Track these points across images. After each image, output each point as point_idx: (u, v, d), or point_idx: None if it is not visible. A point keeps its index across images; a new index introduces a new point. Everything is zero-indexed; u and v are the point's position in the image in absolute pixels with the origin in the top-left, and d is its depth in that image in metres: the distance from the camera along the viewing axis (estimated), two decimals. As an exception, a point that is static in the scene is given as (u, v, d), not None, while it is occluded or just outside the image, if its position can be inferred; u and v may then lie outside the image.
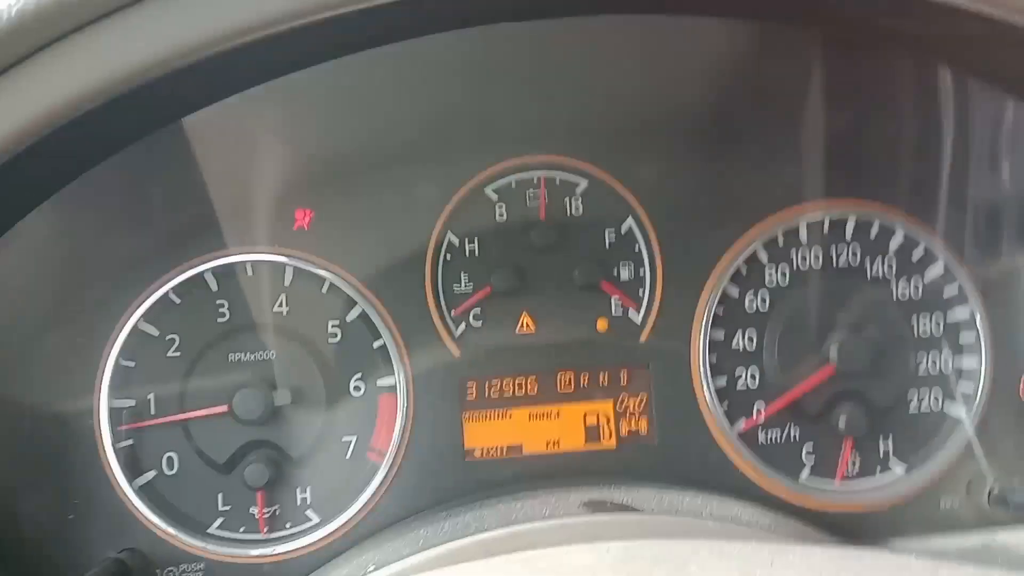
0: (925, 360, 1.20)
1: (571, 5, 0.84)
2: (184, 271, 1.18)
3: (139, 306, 1.17)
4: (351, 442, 1.18)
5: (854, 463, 1.19)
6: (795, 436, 1.20)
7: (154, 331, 1.17)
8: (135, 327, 1.16)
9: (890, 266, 1.21)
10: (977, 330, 1.19)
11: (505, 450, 1.19)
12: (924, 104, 1.07)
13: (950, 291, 1.20)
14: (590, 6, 0.84)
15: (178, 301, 1.18)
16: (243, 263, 1.19)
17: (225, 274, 1.19)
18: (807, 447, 1.19)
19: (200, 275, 1.18)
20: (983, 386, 1.18)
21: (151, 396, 1.16)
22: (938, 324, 1.21)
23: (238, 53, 0.69)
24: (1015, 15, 0.71)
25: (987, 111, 1.07)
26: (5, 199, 0.81)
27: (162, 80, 0.69)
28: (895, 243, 1.21)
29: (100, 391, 1.15)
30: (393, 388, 1.18)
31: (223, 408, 1.15)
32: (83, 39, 0.68)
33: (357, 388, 1.19)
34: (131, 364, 1.16)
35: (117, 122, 0.76)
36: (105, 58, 0.68)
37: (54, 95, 0.69)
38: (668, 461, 1.18)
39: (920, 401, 1.20)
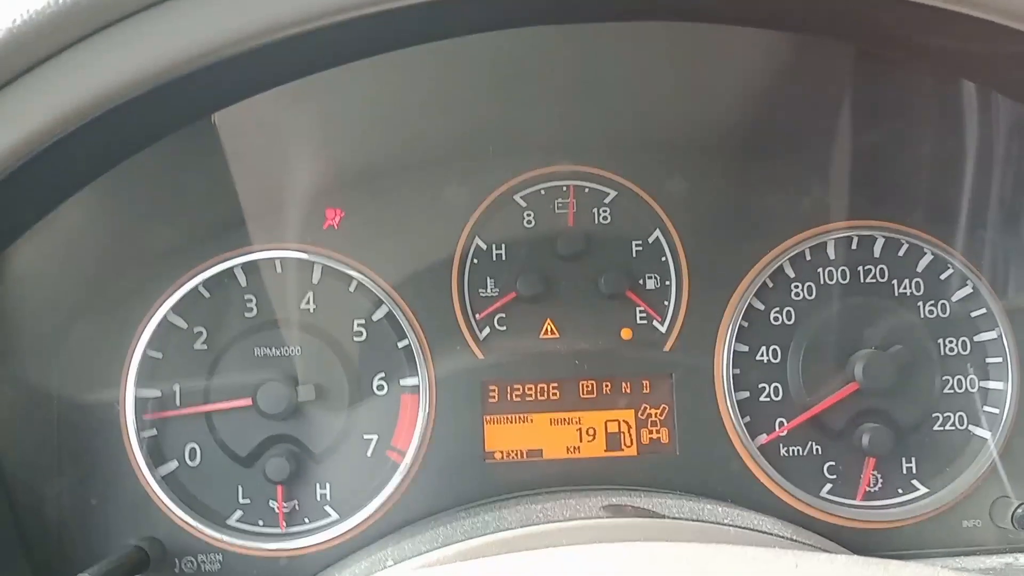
0: (951, 381, 1.20)
1: (604, 9, 0.84)
2: (214, 265, 1.19)
3: (169, 298, 1.18)
4: (372, 440, 1.18)
5: (876, 482, 1.18)
6: (817, 452, 1.19)
7: (182, 323, 1.19)
8: (164, 319, 1.18)
9: (918, 286, 1.21)
10: (1005, 353, 1.19)
11: (525, 454, 1.19)
12: (955, 127, 1.08)
13: (978, 313, 1.20)
14: (622, 10, 0.85)
15: (207, 295, 1.19)
16: (272, 259, 1.21)
17: (254, 270, 1.21)
18: (828, 464, 1.19)
19: (230, 270, 1.20)
20: (1009, 408, 1.18)
21: (177, 387, 1.18)
22: (965, 345, 1.20)
23: (273, 48, 0.71)
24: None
25: (1018, 134, 1.06)
26: (46, 184, 0.83)
27: (199, 73, 0.71)
28: (923, 263, 1.21)
29: (127, 380, 1.17)
30: (416, 388, 1.19)
31: (247, 401, 1.16)
32: (127, 28, 0.70)
33: (380, 387, 1.19)
34: (158, 355, 1.18)
35: (154, 113, 0.78)
36: (146, 49, 0.70)
37: (97, 83, 0.70)
38: (688, 471, 1.18)
39: (945, 421, 1.19)
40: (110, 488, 1.15)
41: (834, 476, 1.18)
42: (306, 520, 1.17)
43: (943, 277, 1.21)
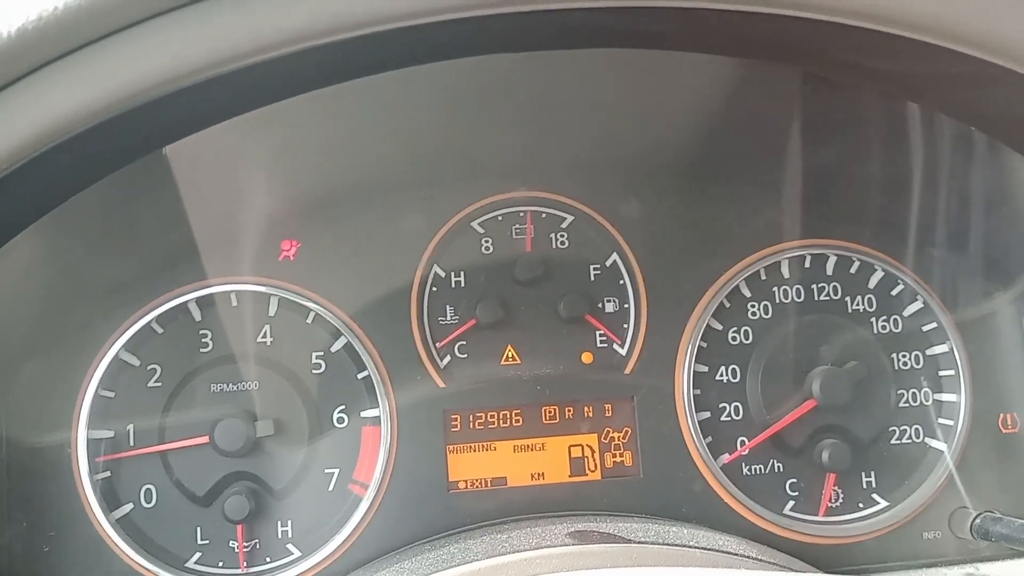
0: (905, 394, 1.22)
1: (555, 39, 0.85)
2: (168, 300, 1.17)
3: (121, 335, 1.16)
4: (334, 474, 1.16)
5: (837, 497, 1.19)
6: (778, 469, 1.20)
7: (135, 361, 1.16)
8: (116, 356, 1.15)
9: (870, 302, 1.23)
10: (956, 365, 1.21)
11: (490, 482, 1.18)
12: (902, 145, 1.10)
13: (929, 327, 1.22)
14: (572, 39, 0.86)
15: (160, 331, 1.17)
16: (227, 293, 1.19)
17: (209, 304, 1.19)
18: (790, 481, 1.20)
19: (184, 304, 1.18)
20: (963, 420, 1.20)
21: (130, 427, 1.15)
22: (918, 359, 1.22)
23: (227, 79, 0.70)
24: (999, 56, 0.73)
25: (964, 153, 1.09)
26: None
27: (151, 104, 0.70)
28: (875, 280, 1.23)
29: (79, 421, 1.13)
30: (377, 420, 1.17)
31: (204, 439, 1.14)
32: (78, 60, 0.68)
33: (340, 419, 1.18)
34: (111, 394, 1.15)
35: (105, 145, 0.76)
36: (97, 81, 0.69)
37: (46, 117, 0.69)
38: (653, 493, 1.18)
39: (902, 435, 1.21)
40: (63, 533, 1.12)
41: (796, 493, 1.19)
42: (268, 559, 1.15)
43: (894, 293, 1.23)
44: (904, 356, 1.22)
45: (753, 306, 1.23)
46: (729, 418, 1.21)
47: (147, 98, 0.70)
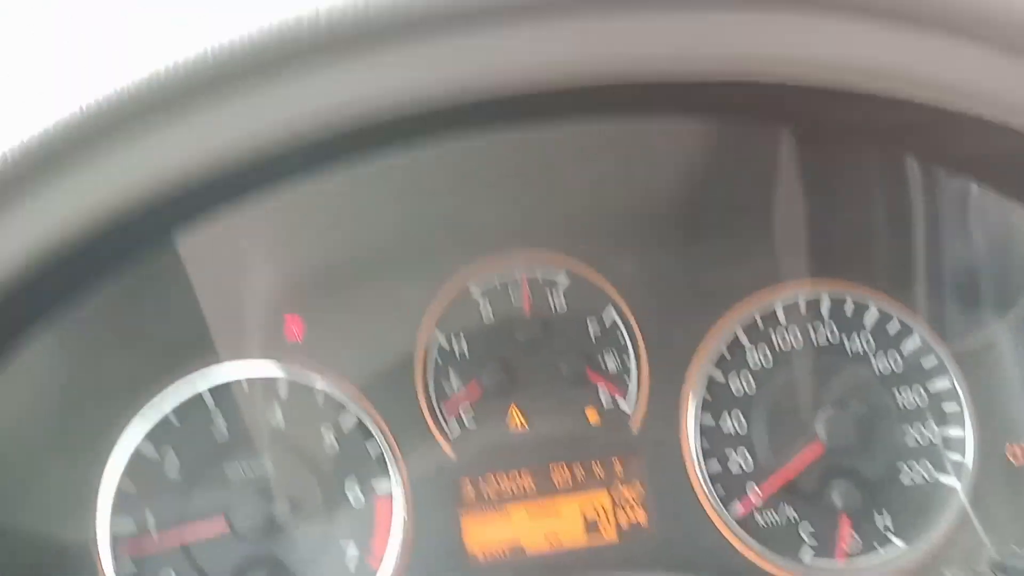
0: (912, 431, 1.22)
1: (539, 115, 0.89)
2: (180, 390, 1.20)
3: (138, 429, 1.19)
4: (351, 550, 1.18)
5: (854, 540, 1.19)
6: (793, 516, 1.20)
7: (153, 453, 1.19)
8: (136, 451, 1.18)
9: (868, 341, 1.24)
10: (960, 399, 1.21)
11: (507, 550, 1.18)
12: (886, 187, 1.13)
13: (929, 362, 1.23)
14: (557, 114, 0.90)
15: (177, 422, 1.20)
16: (239, 380, 1.22)
17: (221, 391, 1.21)
18: (806, 527, 1.19)
19: (199, 395, 1.21)
20: (971, 454, 1.20)
21: (152, 519, 1.17)
22: (921, 395, 1.23)
23: (222, 171, 0.74)
24: (960, 103, 0.76)
25: (950, 189, 1.12)
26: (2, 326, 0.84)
27: (156, 199, 0.74)
28: (870, 319, 1.25)
29: (100, 517, 1.16)
30: (390, 493, 1.19)
31: (223, 525, 1.16)
32: (81, 164, 0.73)
33: (354, 495, 1.20)
34: (131, 488, 1.17)
35: (112, 242, 0.80)
36: (100, 182, 0.73)
37: (52, 223, 0.73)
38: (670, 550, 1.18)
39: (912, 473, 1.21)
40: None
41: (813, 540, 1.19)
42: (290, 641, 1.16)
43: (891, 331, 1.24)
44: (907, 393, 1.22)
45: (752, 353, 1.24)
46: (739, 468, 1.21)
47: (154, 195, 0.74)
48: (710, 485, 1.19)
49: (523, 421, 1.23)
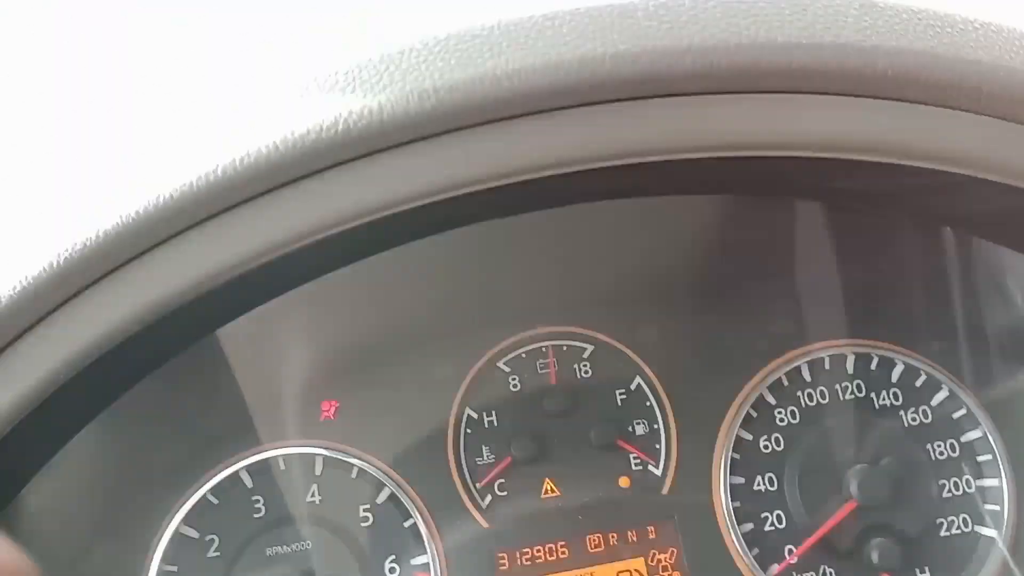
0: (947, 484, 1.21)
1: (554, 200, 0.93)
2: (220, 472, 1.24)
3: (179, 510, 1.22)
4: (390, 625, 1.19)
5: (896, 599, 1.18)
6: (830, 575, 1.19)
7: (194, 533, 1.21)
8: (176, 531, 1.21)
9: (896, 396, 1.25)
10: (992, 449, 1.21)
11: (544, 620, 1.19)
12: (901, 246, 1.15)
13: (959, 414, 1.23)
14: (571, 197, 0.94)
15: (216, 501, 1.23)
16: (275, 458, 1.25)
17: (259, 471, 1.24)
18: (844, 586, 1.19)
19: (235, 474, 1.24)
20: (1008, 503, 1.19)
21: None
22: (953, 447, 1.22)
23: (271, 266, 0.79)
24: (949, 165, 0.79)
25: (959, 246, 1.14)
26: (53, 426, 0.89)
27: (198, 300, 0.78)
28: (896, 373, 1.25)
29: None
30: (427, 567, 1.20)
31: (264, 604, 1.18)
32: (128, 272, 0.78)
33: (392, 570, 1.21)
34: (173, 569, 1.20)
35: (154, 342, 0.85)
36: (150, 287, 0.77)
37: (103, 324, 0.78)
38: None
39: (950, 526, 1.20)
40: None
41: (853, 599, 1.18)
42: None
43: (918, 384, 1.25)
44: (939, 446, 1.22)
45: (780, 413, 1.25)
46: (773, 527, 1.21)
47: (196, 295, 0.78)
48: (744, 546, 1.19)
49: (555, 491, 1.24)
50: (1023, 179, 0.77)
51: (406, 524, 1.22)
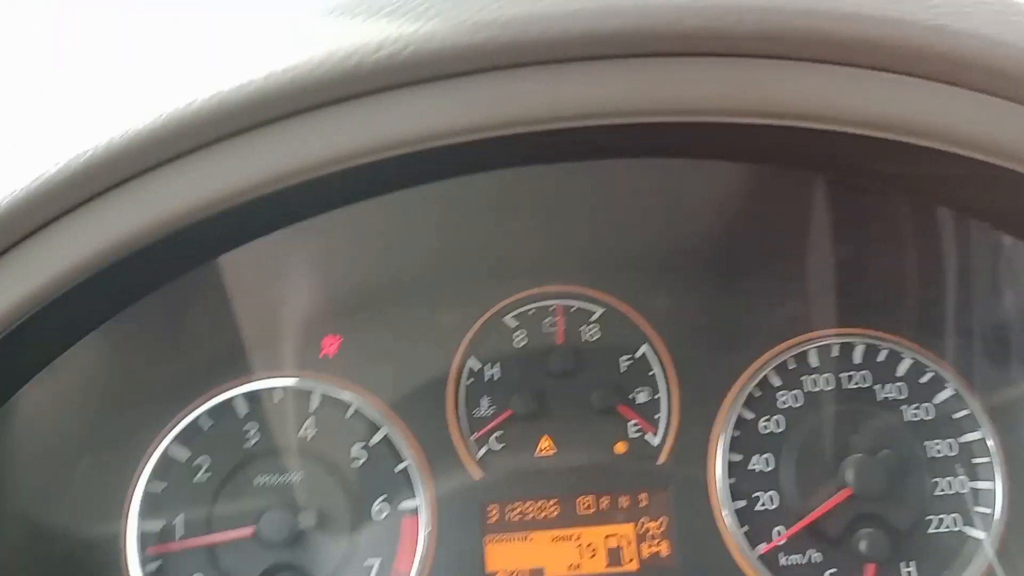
0: (941, 483, 1.21)
1: (577, 152, 0.91)
2: (214, 396, 1.23)
3: (170, 430, 1.21)
4: (374, 565, 1.19)
5: (878, 588, 1.19)
6: (816, 560, 1.19)
7: (183, 455, 1.21)
8: (165, 451, 1.20)
9: (900, 390, 1.24)
10: (990, 452, 1.21)
11: (528, 573, 1.19)
12: (925, 238, 1.14)
13: (960, 414, 1.23)
14: (598, 152, 0.92)
15: (208, 426, 1.22)
16: (271, 389, 1.24)
17: (253, 399, 1.24)
18: (829, 571, 1.19)
19: (229, 400, 1.23)
20: (1000, 507, 1.19)
21: (179, 519, 1.19)
22: (951, 447, 1.22)
23: (275, 197, 0.77)
24: (995, 156, 0.77)
25: (986, 242, 1.12)
26: (54, 331, 0.87)
27: (205, 222, 0.76)
28: (903, 368, 1.25)
29: (129, 515, 1.18)
30: (415, 511, 1.20)
31: (249, 531, 1.17)
32: (138, 185, 0.75)
33: (380, 511, 1.21)
34: (160, 488, 1.20)
35: (160, 260, 0.83)
36: (156, 202, 0.76)
37: (109, 236, 0.76)
38: None
39: (939, 524, 1.20)
40: None
41: (836, 584, 1.19)
42: (309, 651, 1.17)
43: (923, 380, 1.24)
44: (937, 444, 1.22)
45: (783, 395, 1.24)
46: (764, 507, 1.21)
47: (201, 217, 0.76)
48: (735, 522, 1.19)
49: (551, 449, 1.24)
50: None
51: (398, 468, 1.22)
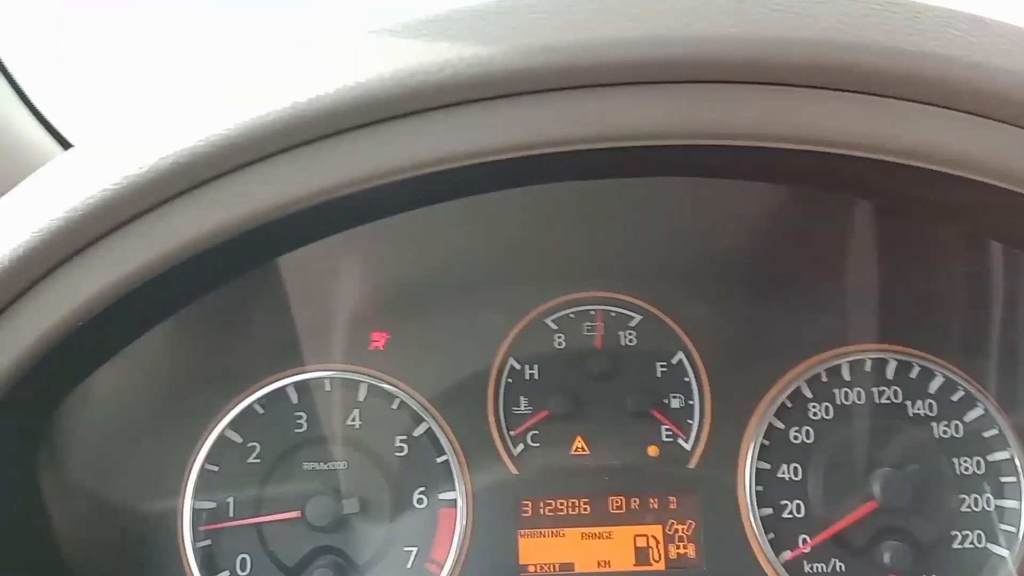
0: (967, 499, 1.24)
1: (622, 170, 0.95)
2: (269, 384, 1.29)
3: (226, 415, 1.28)
4: (412, 552, 1.24)
5: (900, 601, 1.21)
6: (840, 569, 1.22)
7: (238, 438, 1.27)
8: (221, 434, 1.27)
9: (931, 407, 1.27)
10: (1018, 472, 1.23)
11: (558, 567, 1.24)
12: (959, 261, 1.16)
13: (990, 434, 1.25)
14: (639, 170, 0.96)
15: (261, 411, 1.29)
16: (322, 379, 1.30)
17: (305, 388, 1.30)
18: (852, 581, 1.22)
19: (283, 388, 1.29)
20: (1025, 526, 1.21)
21: (230, 499, 1.25)
22: (979, 465, 1.24)
23: (339, 204, 0.82)
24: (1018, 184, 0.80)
25: (1017, 267, 1.14)
26: (133, 318, 0.94)
27: (271, 224, 0.82)
28: (935, 385, 1.27)
29: (185, 493, 1.25)
30: (453, 502, 1.25)
31: (296, 514, 1.23)
32: (211, 190, 0.81)
33: (420, 500, 1.26)
34: (215, 468, 1.26)
35: (228, 258, 0.89)
36: (227, 206, 0.81)
37: (187, 233, 0.82)
38: None
39: (964, 540, 1.23)
40: None
41: (859, 595, 1.22)
42: (349, 631, 1.23)
43: (955, 399, 1.27)
44: (966, 461, 1.24)
45: (814, 407, 1.27)
46: (791, 515, 1.24)
47: (267, 220, 0.82)
48: (761, 528, 1.23)
49: (586, 449, 1.28)
50: None
51: (439, 460, 1.27)
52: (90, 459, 1.19)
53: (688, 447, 1.28)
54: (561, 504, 1.26)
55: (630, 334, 1.32)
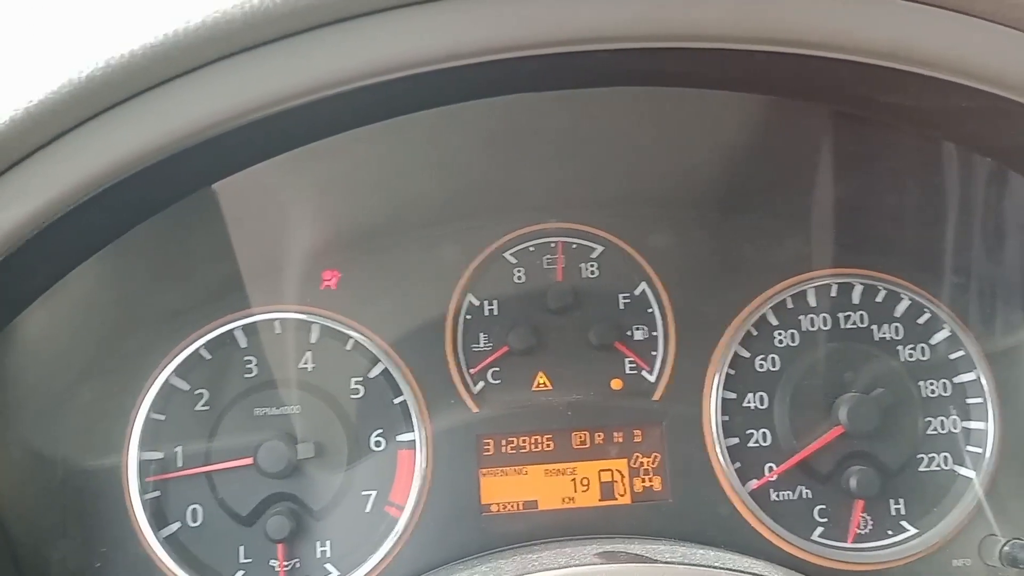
0: (933, 422, 1.23)
1: (583, 78, 0.90)
2: (215, 327, 1.23)
3: (171, 361, 1.22)
4: (371, 496, 1.20)
5: (866, 524, 1.20)
6: (807, 495, 1.21)
7: (184, 385, 1.22)
8: (166, 381, 1.21)
9: (897, 330, 1.25)
10: (984, 393, 1.22)
11: (521, 505, 1.21)
12: (929, 175, 1.13)
13: (956, 355, 1.24)
14: (600, 78, 0.90)
15: (208, 356, 1.23)
16: (271, 321, 1.24)
17: (254, 331, 1.24)
18: (819, 507, 1.21)
19: (230, 332, 1.23)
20: (991, 447, 1.20)
21: (179, 449, 1.20)
22: (945, 387, 1.23)
23: (272, 120, 0.76)
24: (1006, 89, 0.77)
25: (990, 182, 1.12)
26: (56, 253, 0.87)
27: (202, 145, 0.75)
28: (901, 308, 1.25)
29: (130, 443, 1.19)
30: (412, 444, 1.21)
31: (248, 461, 1.19)
32: (136, 105, 0.74)
33: (377, 443, 1.22)
34: (161, 417, 1.21)
35: (159, 184, 0.82)
36: (153, 125, 0.75)
37: (107, 157, 0.75)
38: (681, 518, 1.20)
39: (930, 462, 1.22)
40: (113, 550, 1.17)
41: (825, 519, 1.21)
42: (307, 578, 1.19)
43: (921, 321, 1.25)
44: (932, 384, 1.23)
45: (780, 334, 1.25)
46: (757, 444, 1.22)
47: (201, 139, 0.76)
48: (727, 458, 1.21)
49: (548, 384, 1.25)
50: None
51: (396, 401, 1.23)
52: (24, 406, 1.12)
53: (652, 379, 1.25)
54: (523, 441, 1.23)
55: (591, 265, 1.28)
